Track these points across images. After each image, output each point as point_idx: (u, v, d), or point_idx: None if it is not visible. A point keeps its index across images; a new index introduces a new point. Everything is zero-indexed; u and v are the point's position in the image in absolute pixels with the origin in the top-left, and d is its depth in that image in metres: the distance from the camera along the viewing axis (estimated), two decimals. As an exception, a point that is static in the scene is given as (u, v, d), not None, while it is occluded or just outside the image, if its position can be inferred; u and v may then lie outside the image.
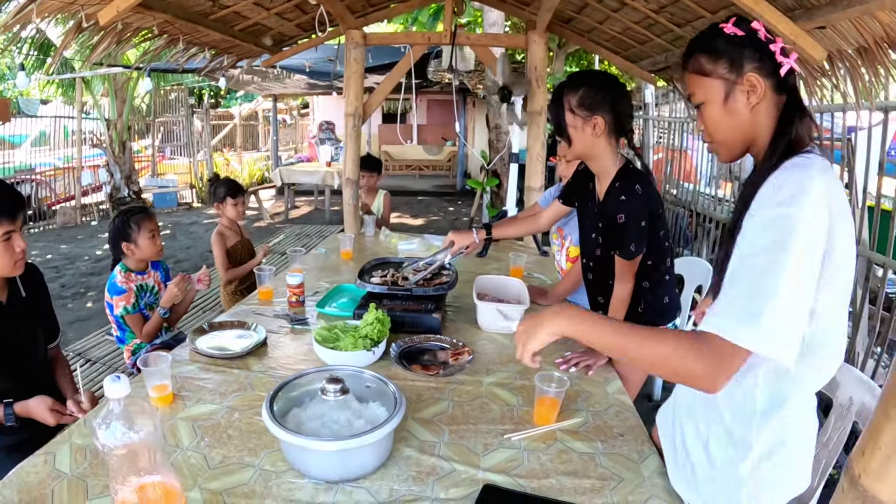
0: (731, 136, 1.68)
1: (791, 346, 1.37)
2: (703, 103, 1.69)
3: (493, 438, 2.12)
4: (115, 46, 4.56)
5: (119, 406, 1.40)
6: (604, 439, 2.14)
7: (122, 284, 3.53)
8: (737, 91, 1.61)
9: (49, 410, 2.46)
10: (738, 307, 1.40)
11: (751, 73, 1.58)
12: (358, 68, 5.20)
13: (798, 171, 1.45)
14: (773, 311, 1.34)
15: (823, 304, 1.46)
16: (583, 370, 2.70)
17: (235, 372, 2.58)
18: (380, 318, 2.69)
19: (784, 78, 1.59)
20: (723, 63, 1.61)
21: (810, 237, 1.38)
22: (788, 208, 1.39)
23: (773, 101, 1.61)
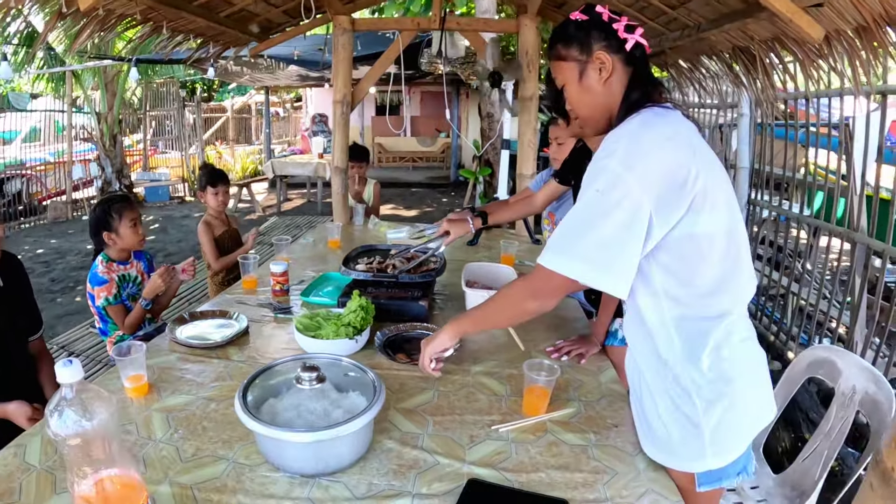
0: (590, 111, 1.85)
1: (604, 274, 1.61)
2: (565, 85, 1.86)
3: (479, 430, 2.05)
4: (100, 35, 4.47)
5: (71, 392, 1.31)
6: (596, 430, 2.06)
7: (103, 275, 3.44)
8: (589, 69, 1.79)
9: (28, 420, 2.40)
10: (555, 238, 1.70)
11: (599, 52, 1.75)
12: (346, 55, 5.10)
13: (622, 126, 1.69)
14: (580, 241, 1.62)
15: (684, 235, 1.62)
16: (575, 359, 2.63)
17: (215, 362, 2.50)
18: (363, 306, 2.61)
19: (631, 52, 1.77)
20: (574, 47, 1.79)
21: (625, 185, 1.56)
22: (603, 160, 1.62)
23: (624, 74, 1.79)
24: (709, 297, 1.69)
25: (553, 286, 1.77)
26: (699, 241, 1.63)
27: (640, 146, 1.60)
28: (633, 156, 1.58)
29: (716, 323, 1.70)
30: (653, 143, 1.61)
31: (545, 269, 1.71)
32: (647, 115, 1.69)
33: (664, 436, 1.79)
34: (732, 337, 1.72)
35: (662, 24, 4.55)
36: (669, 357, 1.74)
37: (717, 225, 1.64)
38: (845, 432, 2.24)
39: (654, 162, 1.58)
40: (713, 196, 1.61)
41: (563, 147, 3.35)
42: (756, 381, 1.80)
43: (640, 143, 1.61)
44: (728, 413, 1.69)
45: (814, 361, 2.57)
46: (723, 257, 1.67)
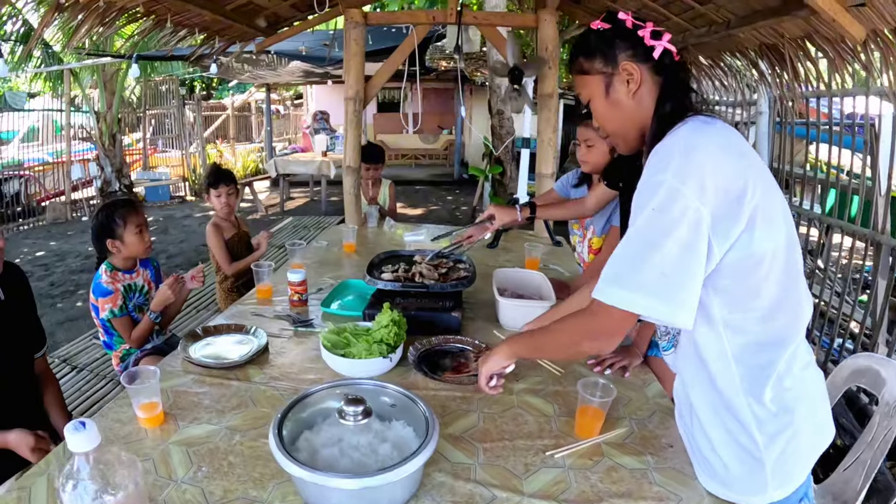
0: (620, 126, 1.75)
1: (670, 305, 1.45)
2: (591, 100, 1.75)
3: (533, 457, 1.89)
4: (99, 31, 4.28)
5: (87, 463, 1.09)
6: (653, 452, 1.92)
7: (107, 285, 3.22)
8: (615, 82, 1.68)
9: (31, 450, 2.22)
10: (609, 268, 1.54)
11: (625, 62, 1.64)
12: (358, 49, 4.88)
13: (669, 137, 1.54)
14: (640, 269, 1.46)
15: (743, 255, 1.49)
16: (618, 371, 2.48)
17: (234, 384, 2.30)
18: (395, 320, 2.41)
19: (659, 60, 1.65)
20: (598, 59, 1.69)
21: (684, 199, 1.42)
22: (655, 175, 1.47)
23: (653, 84, 1.67)
24: (769, 320, 1.56)
25: (613, 325, 1.58)
26: (758, 259, 1.49)
27: (693, 157, 1.46)
28: (687, 168, 1.45)
29: (779, 352, 1.57)
30: (706, 153, 1.47)
31: (603, 306, 1.54)
32: (694, 124, 1.55)
33: (721, 468, 1.68)
34: (795, 365, 1.60)
35: (687, 20, 4.39)
36: (728, 390, 1.61)
37: (776, 240, 1.51)
38: (889, 443, 2.13)
39: (710, 173, 1.44)
40: (770, 209, 1.49)
41: (592, 149, 3.14)
42: (817, 406, 1.68)
43: (694, 154, 1.47)
44: (790, 444, 1.58)
45: (856, 370, 2.45)
46: (782, 275, 1.54)
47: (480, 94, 15.63)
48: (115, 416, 2.06)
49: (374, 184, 5.84)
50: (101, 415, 2.07)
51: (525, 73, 4.43)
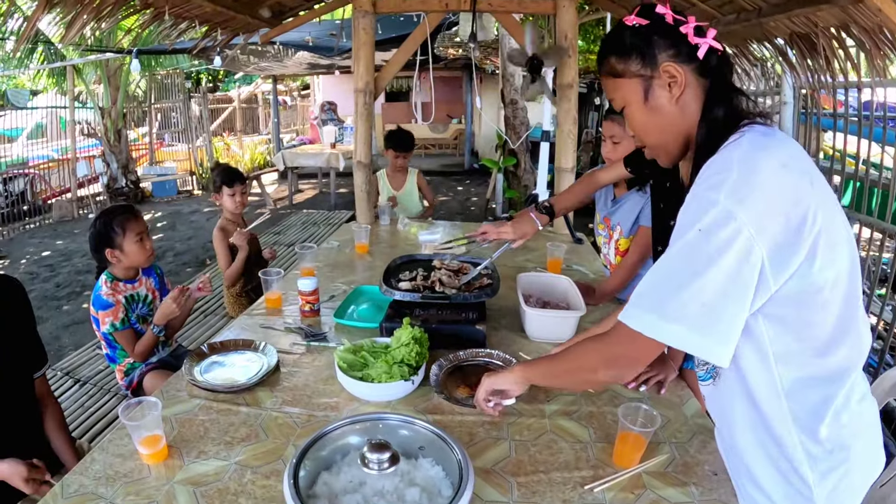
0: (661, 136, 1.56)
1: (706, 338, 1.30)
2: (626, 106, 1.56)
3: (571, 491, 1.71)
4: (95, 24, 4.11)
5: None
6: (696, 481, 1.76)
7: (107, 297, 3.06)
8: (655, 86, 1.48)
9: (25, 481, 2.09)
10: (642, 291, 1.39)
11: (666, 63, 1.45)
12: (368, 39, 4.69)
13: (726, 150, 1.37)
14: (677, 296, 1.30)
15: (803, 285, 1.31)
16: (654, 388, 2.30)
17: (243, 411, 2.12)
18: (417, 337, 2.22)
19: (705, 60, 1.45)
20: (634, 59, 1.48)
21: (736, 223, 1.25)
22: (707, 192, 1.31)
23: (699, 87, 1.48)
24: (825, 353, 1.40)
25: (636, 352, 1.43)
26: (818, 288, 1.33)
27: (753, 176, 1.29)
28: (745, 187, 1.28)
29: (836, 386, 1.42)
30: (769, 172, 1.29)
31: (628, 331, 1.39)
32: (753, 136, 1.37)
33: None
34: (853, 398, 1.44)
35: (715, 7, 4.20)
36: (778, 428, 1.45)
37: (838, 268, 1.35)
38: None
39: (771, 196, 1.28)
40: (833, 233, 1.33)
41: (619, 147, 2.97)
42: (872, 438, 1.52)
43: (754, 172, 1.29)
44: (844, 480, 1.43)
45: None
46: (841, 304, 1.38)
47: (491, 83, 15.44)
48: (116, 449, 1.89)
49: (398, 172, 5.62)
50: (100, 448, 1.91)
51: (544, 63, 4.23)
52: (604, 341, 1.49)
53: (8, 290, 2.34)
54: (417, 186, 5.66)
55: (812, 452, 1.41)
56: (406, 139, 5.52)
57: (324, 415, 2.09)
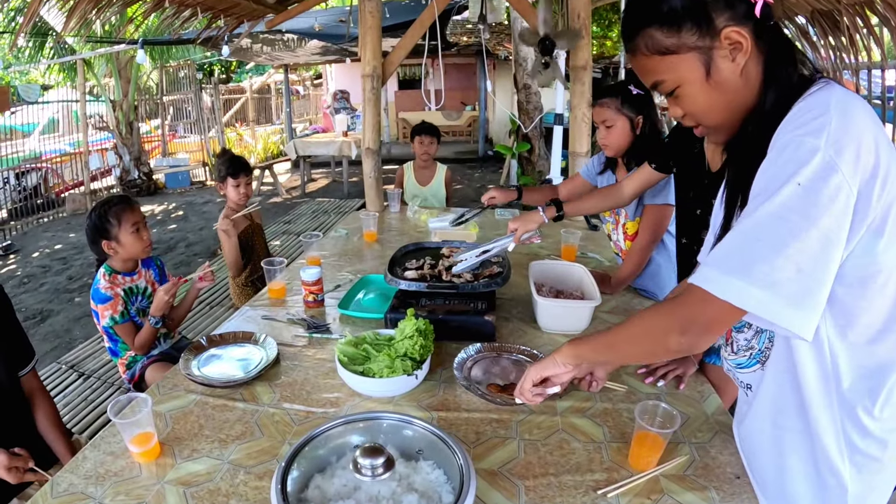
0: (727, 114, 1.34)
1: (796, 307, 1.13)
2: (679, 87, 1.32)
3: (583, 496, 1.59)
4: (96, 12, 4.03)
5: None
6: (717, 485, 1.63)
7: (106, 290, 2.98)
8: (717, 57, 1.26)
9: (6, 469, 2.02)
10: (724, 250, 1.21)
11: (727, 28, 1.22)
12: (374, 23, 4.59)
13: (820, 94, 1.19)
14: (770, 258, 1.13)
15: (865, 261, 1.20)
16: (673, 382, 2.18)
17: (239, 407, 2.03)
18: (421, 329, 2.11)
19: (762, 17, 1.24)
20: (687, 29, 1.25)
21: (839, 176, 1.10)
22: (805, 137, 1.13)
23: (758, 51, 1.27)
24: (877, 341, 1.28)
25: (713, 319, 1.24)
26: (880, 269, 1.21)
27: (851, 124, 1.12)
28: (845, 135, 1.11)
29: (885, 377, 1.30)
30: (863, 123, 1.13)
31: (705, 294, 1.20)
32: (836, 87, 1.20)
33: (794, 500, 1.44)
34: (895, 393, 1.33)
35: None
36: (823, 417, 1.34)
37: None
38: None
39: (865, 149, 1.12)
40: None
41: (613, 130, 2.88)
42: None
43: (852, 120, 1.13)
44: (877, 477, 1.35)
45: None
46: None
47: (504, 69, 15.35)
48: (108, 447, 1.82)
49: (426, 165, 5.48)
50: (93, 446, 1.83)
51: (557, 45, 4.10)
52: (675, 306, 1.31)
53: None
54: (444, 183, 5.52)
55: (854, 443, 1.32)
56: (431, 126, 5.36)
57: (323, 411, 1.99)
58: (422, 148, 5.30)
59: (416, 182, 5.44)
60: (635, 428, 1.71)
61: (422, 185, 5.43)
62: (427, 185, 5.45)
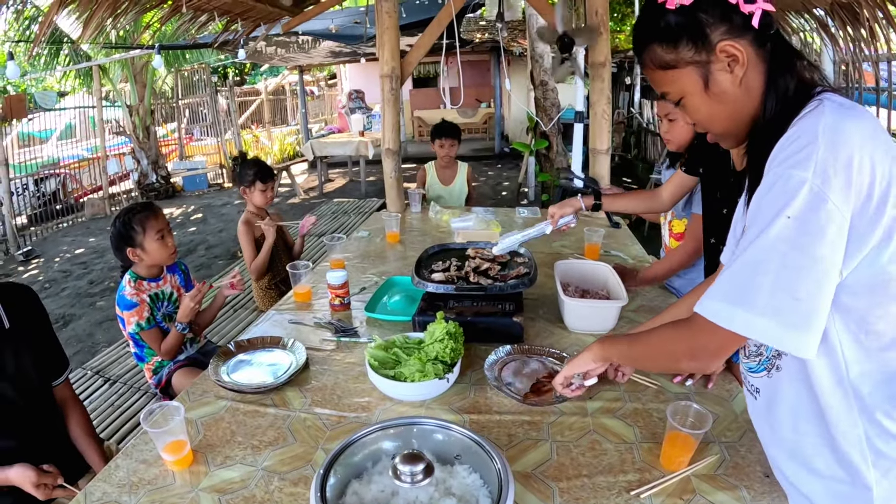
0: (730, 122, 1.41)
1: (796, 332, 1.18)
2: (683, 97, 1.40)
3: (616, 497, 1.60)
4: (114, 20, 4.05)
5: None
6: (748, 484, 1.64)
7: (131, 297, 2.99)
8: (714, 70, 1.32)
9: (35, 486, 2.04)
10: (726, 283, 1.27)
11: (722, 42, 1.28)
12: (391, 23, 4.58)
13: (807, 120, 1.22)
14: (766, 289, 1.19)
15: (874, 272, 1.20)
16: (700, 382, 2.16)
17: (270, 412, 2.04)
18: (451, 332, 2.11)
19: (761, 27, 1.28)
20: (684, 44, 1.32)
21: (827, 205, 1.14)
22: (792, 170, 1.17)
23: (759, 60, 1.32)
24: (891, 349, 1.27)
25: (720, 345, 1.33)
26: (890, 275, 1.21)
27: (840, 149, 1.16)
28: (834, 163, 1.15)
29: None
30: (856, 145, 1.15)
31: (710, 325, 1.27)
32: (831, 105, 1.22)
33: None
34: None
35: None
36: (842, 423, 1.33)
37: None
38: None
39: (857, 171, 1.15)
40: None
41: (674, 125, 2.84)
42: None
43: (842, 146, 1.16)
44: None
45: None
46: None
47: (518, 65, 15.32)
48: (140, 455, 1.83)
49: (448, 165, 5.49)
50: (125, 454, 1.85)
51: (576, 42, 4.08)
52: (684, 331, 1.40)
53: (19, 299, 2.29)
54: (466, 181, 5.52)
55: (878, 448, 1.30)
56: (452, 128, 5.38)
57: (355, 416, 2.00)
58: (443, 150, 5.32)
59: (439, 181, 5.45)
60: (667, 428, 1.71)
61: (444, 184, 5.44)
62: (450, 184, 5.46)
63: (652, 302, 2.89)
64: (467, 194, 5.53)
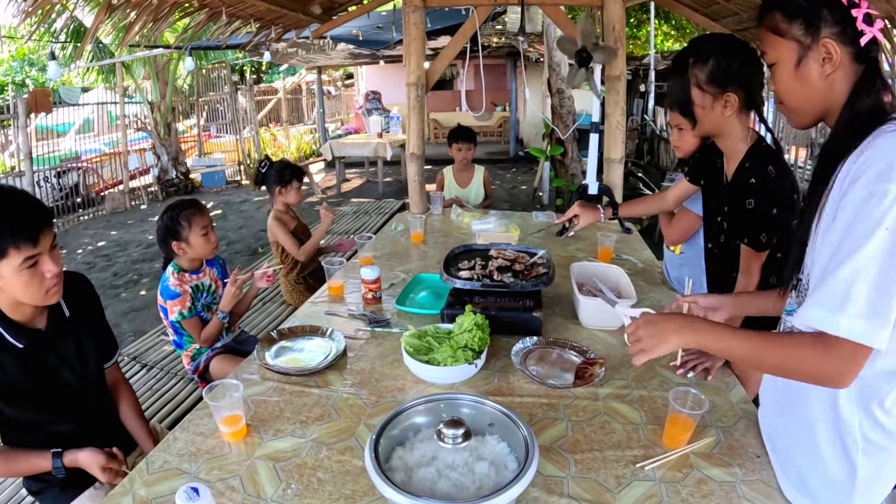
0: (802, 103, 1.58)
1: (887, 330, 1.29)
2: (776, 64, 1.58)
3: (623, 468, 1.81)
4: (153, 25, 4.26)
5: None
6: (741, 462, 1.84)
7: (175, 287, 3.21)
8: (810, 57, 1.50)
9: (102, 470, 2.17)
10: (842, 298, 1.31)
11: (827, 39, 1.46)
12: (418, 34, 4.77)
13: (889, 138, 1.34)
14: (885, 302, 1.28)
15: None
16: (701, 374, 2.37)
17: (315, 392, 2.25)
18: (479, 324, 2.33)
19: (865, 47, 1.45)
20: (798, 24, 1.50)
21: None
22: (885, 184, 1.28)
23: (851, 72, 1.48)
24: None
25: (856, 367, 1.35)
26: None
27: None
28: None
29: None
30: None
31: (849, 344, 1.32)
32: None
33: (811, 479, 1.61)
34: None
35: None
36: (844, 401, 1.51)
37: None
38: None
39: None
40: None
41: (684, 134, 3.11)
42: None
43: None
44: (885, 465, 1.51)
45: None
46: None
47: (534, 70, 15.39)
48: (196, 428, 2.03)
49: (465, 168, 5.69)
50: (182, 427, 2.04)
51: (593, 59, 4.27)
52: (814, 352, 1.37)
53: (76, 287, 2.40)
54: (483, 184, 5.72)
55: (867, 434, 1.48)
56: (467, 132, 5.59)
57: (392, 396, 2.21)
58: (460, 155, 5.53)
59: (457, 185, 5.65)
60: (669, 410, 1.91)
61: (462, 187, 5.65)
62: (467, 186, 5.66)
63: (660, 303, 3.08)
64: (484, 197, 5.72)
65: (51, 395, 2.23)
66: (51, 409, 2.25)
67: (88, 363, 2.39)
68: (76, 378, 2.31)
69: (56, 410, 2.26)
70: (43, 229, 1.99)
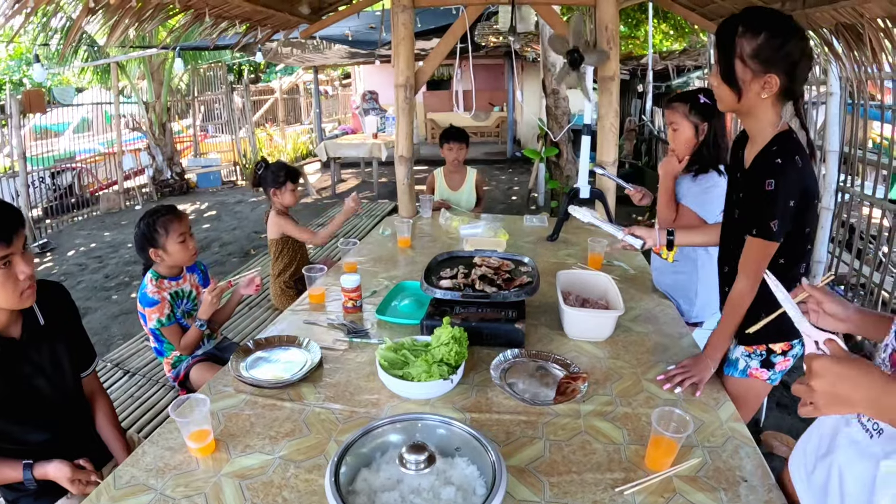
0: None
1: None
2: None
3: (602, 493, 1.73)
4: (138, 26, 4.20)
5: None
6: (726, 487, 1.76)
7: (153, 295, 3.14)
8: None
9: (70, 482, 2.14)
10: None
11: None
12: (407, 34, 4.72)
13: None
14: None
15: None
16: (689, 390, 2.27)
17: (287, 406, 2.19)
18: (456, 337, 2.25)
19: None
20: None
21: None
22: None
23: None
24: None
25: None
26: None
27: None
28: None
29: None
30: None
31: None
32: None
33: None
34: None
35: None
36: None
37: None
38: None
39: None
40: None
41: (678, 132, 3.13)
42: None
43: None
44: None
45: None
46: None
47: (532, 70, 15.38)
48: (166, 442, 1.98)
49: (457, 170, 5.57)
50: (151, 441, 1.99)
51: (585, 60, 4.20)
52: None
53: (51, 295, 2.36)
54: (475, 187, 5.61)
55: None
56: (460, 132, 5.46)
57: (365, 411, 2.14)
58: (451, 154, 5.41)
59: (448, 187, 5.56)
60: (651, 432, 1.83)
61: (453, 189, 5.55)
62: (458, 189, 5.56)
63: (651, 312, 3.01)
64: (476, 200, 5.63)
65: (24, 405, 2.19)
66: (24, 419, 2.21)
67: (64, 372, 2.34)
68: (51, 387, 2.27)
69: (29, 420, 2.23)
70: (16, 229, 1.97)
